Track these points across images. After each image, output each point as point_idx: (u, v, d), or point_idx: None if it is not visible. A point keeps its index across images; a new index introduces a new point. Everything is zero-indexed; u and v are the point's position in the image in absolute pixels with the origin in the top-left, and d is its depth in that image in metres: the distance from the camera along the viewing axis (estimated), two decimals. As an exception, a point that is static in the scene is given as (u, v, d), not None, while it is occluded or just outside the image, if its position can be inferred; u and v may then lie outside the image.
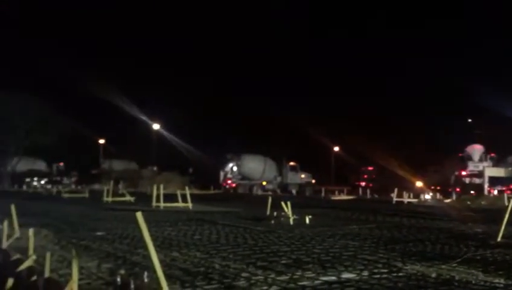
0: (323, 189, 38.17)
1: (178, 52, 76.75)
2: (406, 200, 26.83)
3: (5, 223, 7.86)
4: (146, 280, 5.21)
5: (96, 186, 41.65)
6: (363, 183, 45.91)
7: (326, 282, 5.87)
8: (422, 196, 30.51)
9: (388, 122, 53.78)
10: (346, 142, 52.61)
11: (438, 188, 35.81)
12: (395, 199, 26.75)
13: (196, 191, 33.53)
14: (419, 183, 39.71)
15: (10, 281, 5.68)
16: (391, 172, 42.53)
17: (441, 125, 49.93)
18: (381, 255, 7.83)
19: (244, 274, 6.26)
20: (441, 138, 46.82)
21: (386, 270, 6.62)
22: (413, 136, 49.43)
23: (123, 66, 62.98)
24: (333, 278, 6.10)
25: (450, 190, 33.99)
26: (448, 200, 28.47)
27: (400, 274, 6.41)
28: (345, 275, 6.26)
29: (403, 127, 51.64)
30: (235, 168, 43.96)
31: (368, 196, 33.64)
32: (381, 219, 15.12)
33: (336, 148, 57.41)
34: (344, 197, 34.59)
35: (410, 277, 6.25)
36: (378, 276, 6.26)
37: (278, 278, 6.05)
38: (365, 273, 6.43)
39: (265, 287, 5.59)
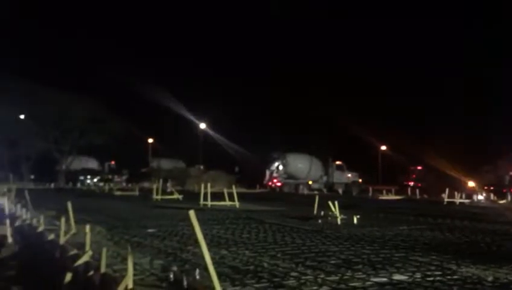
0: (370, 188, 37.51)
1: (225, 52, 77.51)
2: (457, 200, 25.94)
3: (62, 220, 8.17)
4: (198, 277, 5.30)
5: (146, 185, 42.71)
6: (411, 183, 44.77)
7: (377, 283, 5.76)
8: (475, 197, 29.44)
9: (438, 121, 52.27)
10: (394, 141, 51.60)
11: (492, 188, 34.45)
12: (446, 200, 25.95)
13: (242, 190, 33.75)
14: (471, 184, 38.35)
15: (69, 276, 5.92)
16: (441, 172, 41.32)
17: (494, 123, 48.04)
18: (434, 257, 7.61)
19: (293, 273, 6.24)
20: (494, 136, 45.05)
21: (439, 273, 6.43)
22: (464, 135, 47.84)
23: (172, 66, 64.32)
24: (384, 279, 5.99)
25: (504, 190, 32.59)
26: (502, 201, 27.33)
27: (455, 277, 6.21)
28: (397, 277, 6.13)
29: (453, 125, 50.03)
30: (280, 167, 43.96)
31: (417, 196, 32.76)
32: (432, 220, 14.69)
33: (383, 147, 56.35)
34: (392, 197, 33.85)
35: (466, 280, 6.04)
36: (431, 279, 6.09)
37: (328, 278, 6.00)
38: (418, 275, 6.27)
39: (315, 287, 5.55)
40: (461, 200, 26.47)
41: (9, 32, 71.76)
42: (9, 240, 9.38)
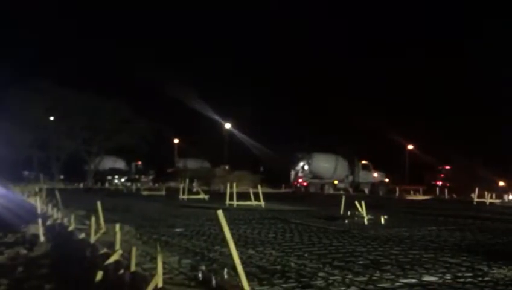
0: (397, 188, 37.02)
1: (250, 52, 77.69)
2: (488, 200, 25.39)
3: (93, 219, 8.32)
4: (226, 277, 5.34)
5: (172, 184, 43.15)
6: (439, 183, 44.01)
7: (406, 284, 5.70)
8: (506, 197, 28.74)
9: (465, 120, 51.22)
10: (422, 140, 50.81)
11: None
12: (475, 200, 25.43)
13: (267, 190, 33.77)
14: (501, 183, 37.47)
15: (100, 274, 6.04)
16: (470, 171, 40.48)
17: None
18: (465, 258, 7.47)
19: (321, 274, 6.23)
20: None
21: (470, 274, 6.32)
22: (494, 133, 46.72)
23: (197, 66, 64.81)
24: (414, 280, 5.91)
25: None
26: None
27: (486, 279, 6.09)
28: (427, 278, 6.04)
29: (483, 123, 48.94)
30: (306, 167, 43.78)
31: (446, 196, 32.19)
32: (462, 220, 14.43)
33: (410, 146, 55.53)
34: (420, 197, 33.36)
35: (497, 282, 5.92)
36: (462, 280, 5.99)
37: (356, 278, 5.96)
38: (448, 276, 6.17)
39: (343, 288, 5.53)
40: (492, 200, 25.90)
41: (42, 35, 73.46)
42: (42, 238, 9.61)
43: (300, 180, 43.73)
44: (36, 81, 49.84)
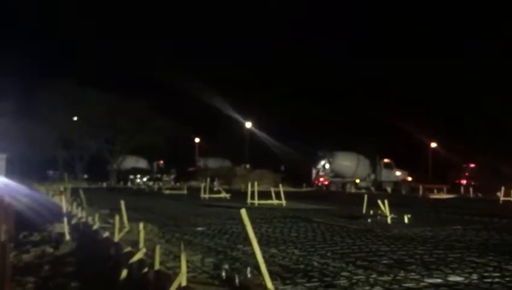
0: (420, 187, 36.53)
1: (270, 52, 77.64)
2: (514, 199, 24.86)
3: (116, 218, 8.43)
4: (249, 276, 5.34)
5: (193, 183, 43.40)
6: (464, 181, 43.26)
7: (432, 285, 5.61)
8: (532, 195, 28.06)
9: (491, 117, 50.22)
10: (445, 137, 50.06)
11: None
12: (501, 198, 24.93)
13: (288, 189, 33.70)
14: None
15: (124, 272, 6.11)
16: (496, 169, 39.69)
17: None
18: (491, 258, 7.33)
19: (344, 273, 6.18)
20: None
21: (498, 274, 6.19)
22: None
23: (218, 66, 65.05)
24: (439, 280, 5.82)
25: None
26: None
27: (514, 279, 5.96)
28: (452, 278, 5.94)
29: (507, 120, 47.89)
30: (327, 166, 43.56)
31: (471, 194, 31.64)
32: (487, 219, 14.16)
33: (434, 145, 54.75)
34: (444, 195, 32.87)
35: (526, 283, 5.79)
36: (489, 280, 5.87)
37: (380, 278, 5.89)
38: (474, 276, 6.06)
39: (367, 287, 5.47)
40: (518, 199, 25.33)
41: (65, 36, 74.72)
42: (67, 237, 9.77)
43: (321, 179, 43.52)
44: (61, 82, 50.78)
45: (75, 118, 53.71)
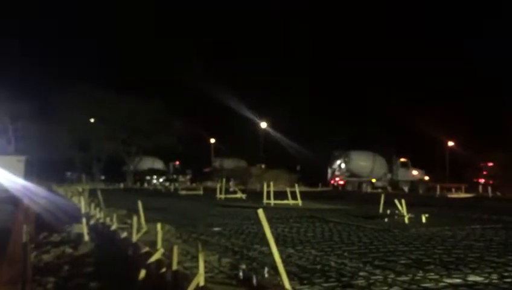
0: (438, 186, 36.16)
1: (285, 51, 77.57)
2: (534, 198, 24.49)
3: (134, 219, 8.50)
4: (266, 276, 5.35)
5: (209, 184, 43.57)
6: (482, 180, 42.72)
7: (451, 285, 5.56)
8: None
9: (507, 115, 49.47)
10: (463, 136, 49.45)
11: None
12: (521, 197, 24.57)
13: (304, 189, 33.64)
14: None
15: (143, 272, 6.16)
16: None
17: None
18: (511, 258, 7.23)
19: (361, 273, 6.15)
20: None
21: (518, 275, 6.10)
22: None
23: (232, 66, 65.19)
24: (459, 280, 5.76)
25: None
26: None
27: (536, 279, 5.87)
28: (472, 278, 5.88)
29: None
30: (343, 165, 43.39)
31: (489, 194, 31.21)
32: (506, 218, 13.96)
33: (451, 143, 54.15)
34: (462, 195, 32.48)
35: (548, 283, 5.69)
36: (510, 280, 5.79)
37: (398, 278, 5.85)
38: (494, 276, 5.98)
39: (385, 288, 5.44)
40: (538, 198, 24.95)
41: (82, 37, 75.63)
42: (86, 238, 9.88)
43: (337, 179, 43.36)
44: (78, 84, 51.42)
45: (92, 120, 54.31)
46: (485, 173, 45.34)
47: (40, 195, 21.70)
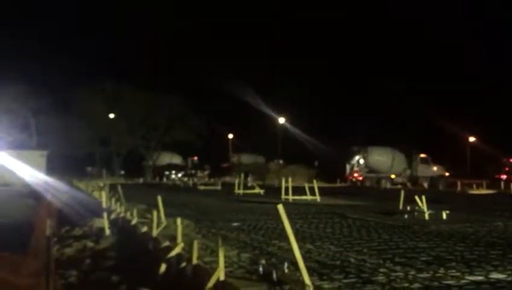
0: (459, 182, 35.65)
1: (303, 46, 77.17)
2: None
3: (154, 213, 8.59)
4: (286, 271, 5.36)
5: (227, 179, 43.71)
6: (504, 176, 41.97)
7: (473, 282, 5.49)
8: None
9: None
10: (484, 131, 48.66)
11: None
12: (544, 194, 24.08)
13: (322, 184, 33.51)
14: None
15: (163, 266, 6.23)
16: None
17: None
18: (535, 256, 7.11)
19: (381, 269, 6.11)
20: None
21: (542, 273, 6.00)
22: None
23: (251, 61, 65.12)
24: (481, 278, 5.69)
25: None
26: None
27: (560, 277, 5.76)
28: (495, 276, 5.80)
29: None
30: (361, 161, 43.05)
31: (512, 190, 30.65)
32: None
33: (472, 139, 53.33)
34: (483, 191, 31.97)
35: None
36: (533, 278, 5.70)
37: (419, 275, 5.81)
38: (517, 274, 5.89)
39: (406, 284, 5.40)
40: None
41: (102, 34, 76.39)
42: (107, 232, 10.02)
43: (356, 175, 43.06)
44: (99, 79, 52.02)
45: (112, 115, 54.90)
46: (507, 169, 44.54)
47: (62, 190, 22.04)
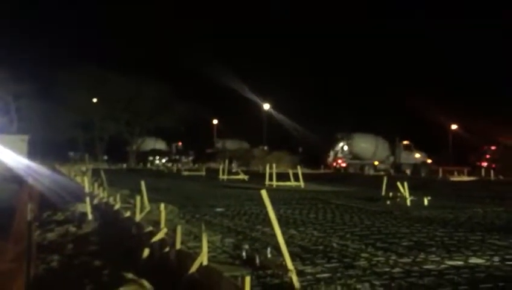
0: (440, 169, 36.15)
1: (289, 33, 76.92)
2: (536, 182, 24.49)
3: (138, 198, 8.54)
4: (269, 256, 5.39)
5: (212, 165, 43.65)
6: (485, 164, 42.66)
7: (453, 267, 5.59)
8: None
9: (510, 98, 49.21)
10: (466, 119, 49.30)
11: None
12: (523, 181, 24.56)
13: (307, 171, 33.69)
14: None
15: (146, 251, 6.22)
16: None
17: None
18: (513, 241, 7.26)
19: (363, 254, 6.19)
20: None
21: (520, 257, 6.13)
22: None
23: (235, 47, 64.76)
24: (460, 263, 5.79)
25: None
26: None
27: (537, 262, 5.89)
28: (474, 261, 5.91)
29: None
30: (345, 148, 43.31)
31: (492, 177, 31.20)
32: (509, 201, 13.98)
33: (454, 126, 54.01)
34: (464, 178, 32.51)
35: (549, 266, 5.72)
36: (511, 263, 5.82)
37: (400, 260, 5.89)
38: (496, 259, 6.01)
39: (387, 269, 5.47)
40: (541, 182, 24.94)
41: (84, 18, 75.04)
42: (90, 217, 9.94)
43: (339, 161, 43.34)
44: (81, 64, 51.28)
45: (95, 100, 54.25)
46: (487, 156, 45.25)
47: (44, 174, 21.78)
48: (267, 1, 75.37)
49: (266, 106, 56.72)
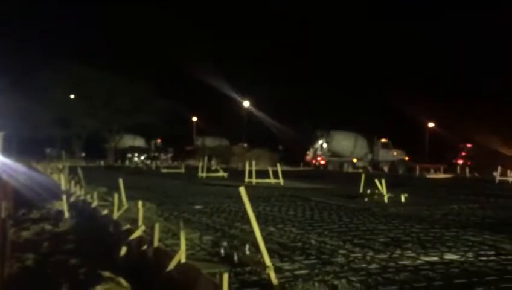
0: (417, 167, 36.70)
1: (268, 30, 76.94)
2: (510, 179, 25.04)
3: (115, 196, 8.45)
4: (247, 253, 5.39)
5: (191, 162, 43.45)
6: (460, 161, 43.44)
7: (428, 262, 5.68)
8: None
9: (489, 96, 50.15)
10: (442, 117, 50.06)
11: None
12: (498, 178, 25.08)
13: (286, 168, 33.79)
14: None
15: (123, 249, 6.16)
16: (493, 149, 39.87)
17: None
18: (487, 237, 7.42)
19: (341, 251, 6.24)
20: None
21: (493, 253, 6.27)
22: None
23: (216, 45, 64.53)
24: (435, 258, 5.89)
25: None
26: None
27: (510, 257, 6.03)
28: (448, 256, 6.02)
29: (504, 102, 47.91)
30: (325, 145, 43.62)
31: (467, 174, 31.81)
32: (483, 198, 14.27)
33: (431, 124, 54.82)
34: (441, 175, 33.06)
35: (521, 261, 5.86)
36: (485, 258, 5.95)
37: (377, 256, 5.97)
38: (470, 255, 6.14)
39: (364, 265, 5.54)
40: (514, 179, 25.51)
41: (63, 14, 73.77)
42: (66, 215, 9.80)
43: (319, 159, 43.62)
44: (58, 61, 50.40)
45: (72, 96, 53.42)
46: (463, 154, 46.09)
47: (19, 171, 21.35)
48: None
49: (246, 104, 56.70)
